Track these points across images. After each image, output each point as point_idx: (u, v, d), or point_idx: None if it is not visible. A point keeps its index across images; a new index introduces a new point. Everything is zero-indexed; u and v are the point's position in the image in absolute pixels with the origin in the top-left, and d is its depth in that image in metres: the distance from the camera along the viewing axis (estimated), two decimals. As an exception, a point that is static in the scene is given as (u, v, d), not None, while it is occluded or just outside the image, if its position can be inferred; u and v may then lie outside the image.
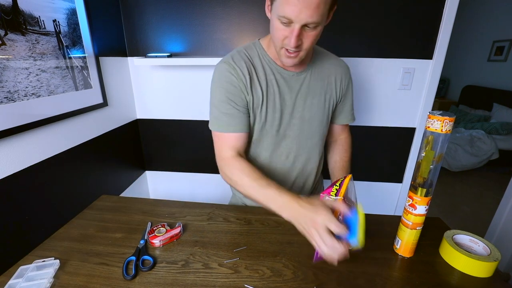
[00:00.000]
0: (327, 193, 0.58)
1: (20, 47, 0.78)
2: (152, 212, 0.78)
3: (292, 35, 0.58)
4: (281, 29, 0.59)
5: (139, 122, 1.49)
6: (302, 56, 0.65)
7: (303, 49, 0.63)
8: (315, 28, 0.59)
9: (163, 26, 1.28)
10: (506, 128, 2.88)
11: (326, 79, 0.77)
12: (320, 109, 0.77)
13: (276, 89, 0.72)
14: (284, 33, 0.60)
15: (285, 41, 0.61)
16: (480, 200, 2.42)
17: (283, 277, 0.55)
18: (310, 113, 0.76)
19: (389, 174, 1.47)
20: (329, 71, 0.77)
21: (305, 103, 0.75)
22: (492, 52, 3.60)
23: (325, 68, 0.77)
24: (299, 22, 0.56)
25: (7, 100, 0.74)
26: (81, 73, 1.02)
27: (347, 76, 0.80)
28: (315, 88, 0.75)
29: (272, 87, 0.72)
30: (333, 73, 0.77)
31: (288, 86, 0.73)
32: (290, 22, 0.57)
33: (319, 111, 0.77)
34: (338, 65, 0.79)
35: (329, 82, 0.77)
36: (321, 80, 0.76)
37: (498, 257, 0.55)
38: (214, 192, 1.60)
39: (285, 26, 0.58)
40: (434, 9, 1.15)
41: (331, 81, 0.77)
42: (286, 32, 0.59)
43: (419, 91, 1.29)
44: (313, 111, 0.76)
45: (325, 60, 0.78)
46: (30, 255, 0.61)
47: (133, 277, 0.54)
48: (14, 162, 0.79)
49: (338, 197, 0.56)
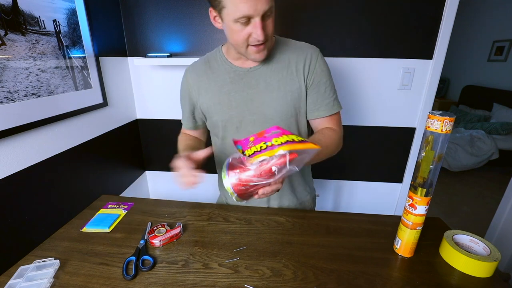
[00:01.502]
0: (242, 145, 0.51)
1: (20, 47, 0.78)
2: (152, 212, 0.78)
3: (258, 29, 0.59)
4: (241, 29, 0.60)
5: (139, 122, 1.49)
6: (269, 45, 0.66)
7: (268, 38, 0.63)
8: (271, 13, 0.60)
9: (163, 26, 1.28)
10: (506, 128, 2.88)
11: (286, 69, 0.71)
12: (282, 103, 0.71)
13: (230, 87, 0.73)
14: (246, 32, 0.60)
15: (250, 38, 0.61)
16: (480, 200, 2.42)
17: (283, 277, 0.55)
18: (271, 108, 0.72)
19: (389, 174, 1.47)
20: (289, 60, 0.71)
21: (263, 98, 0.71)
22: (492, 52, 3.59)
23: (285, 58, 0.71)
24: (258, 14, 0.57)
25: (7, 100, 0.74)
26: (81, 73, 1.02)
27: (312, 59, 0.70)
28: (271, 82, 0.71)
29: (226, 86, 0.73)
30: (293, 61, 0.71)
31: (243, 83, 0.72)
32: (249, 18, 0.58)
33: (281, 106, 0.71)
34: (301, 50, 0.71)
35: (289, 72, 0.70)
36: (279, 71, 0.71)
37: (498, 257, 0.55)
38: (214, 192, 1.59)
39: (245, 26, 0.59)
40: (434, 9, 1.15)
41: (292, 70, 0.70)
42: (248, 29, 0.60)
43: (419, 91, 1.29)
44: (273, 106, 0.71)
45: (284, 49, 0.72)
46: (30, 255, 0.61)
47: (133, 277, 0.54)
48: (14, 162, 0.79)
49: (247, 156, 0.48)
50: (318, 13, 1.19)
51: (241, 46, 0.63)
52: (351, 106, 1.34)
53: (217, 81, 0.74)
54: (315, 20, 1.20)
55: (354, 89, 1.31)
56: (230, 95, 0.73)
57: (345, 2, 1.16)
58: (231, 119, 0.74)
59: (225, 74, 0.74)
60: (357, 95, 1.32)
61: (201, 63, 0.78)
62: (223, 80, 0.73)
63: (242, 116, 0.74)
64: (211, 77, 0.75)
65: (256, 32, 0.59)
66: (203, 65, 0.77)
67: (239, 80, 0.72)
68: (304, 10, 1.19)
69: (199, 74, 0.76)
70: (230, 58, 0.74)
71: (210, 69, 0.75)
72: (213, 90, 0.74)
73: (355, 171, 1.49)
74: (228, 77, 0.73)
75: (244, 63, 0.73)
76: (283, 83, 0.71)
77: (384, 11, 1.17)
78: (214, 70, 0.75)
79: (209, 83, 0.75)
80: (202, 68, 0.76)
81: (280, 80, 0.71)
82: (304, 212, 0.79)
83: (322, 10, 1.19)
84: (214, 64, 0.76)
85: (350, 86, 1.31)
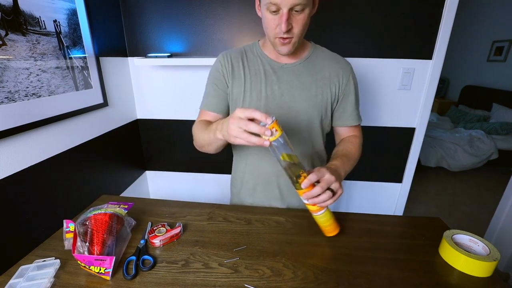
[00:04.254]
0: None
1: (20, 47, 0.78)
2: (152, 212, 0.78)
3: (282, 20, 0.61)
4: (271, 18, 0.63)
5: (139, 122, 1.49)
6: (295, 42, 0.67)
7: (294, 35, 0.65)
8: (302, 11, 0.62)
9: (163, 26, 1.28)
10: (506, 128, 2.89)
11: (320, 73, 0.76)
12: (309, 102, 0.75)
13: (262, 78, 0.75)
14: (275, 22, 0.64)
15: (277, 29, 0.64)
16: (480, 200, 2.42)
17: (283, 276, 0.55)
18: (297, 105, 0.75)
19: (388, 174, 1.47)
20: (324, 66, 0.76)
21: (293, 94, 0.75)
22: (491, 52, 3.60)
23: (320, 63, 0.76)
24: (286, 5, 0.60)
25: (8, 100, 0.74)
26: (82, 73, 1.03)
27: (346, 73, 0.77)
28: (305, 81, 0.75)
29: (259, 76, 0.75)
30: (327, 68, 0.76)
31: (276, 77, 0.75)
32: (278, 8, 0.61)
33: (307, 104, 0.75)
34: (336, 62, 0.78)
35: (322, 76, 0.75)
36: (314, 73, 0.75)
37: (497, 257, 0.55)
38: (214, 192, 1.60)
39: (274, 15, 0.63)
40: (433, 10, 1.16)
41: (325, 75, 0.76)
42: (276, 20, 0.63)
43: (419, 91, 1.29)
44: (300, 103, 0.75)
45: (322, 56, 0.78)
46: (30, 254, 0.61)
47: (133, 276, 0.54)
48: (15, 162, 0.79)
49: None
50: (318, 14, 1.19)
51: (271, 35, 0.67)
52: (351, 106, 1.35)
53: (251, 71, 0.76)
54: (315, 21, 1.20)
55: (354, 89, 1.31)
56: (262, 86, 0.75)
57: (345, 3, 1.16)
58: (258, 108, 0.74)
59: (259, 65, 0.76)
60: (357, 95, 1.33)
61: (237, 51, 0.79)
62: (257, 71, 0.76)
63: (269, 108, 0.75)
64: (245, 65, 0.76)
65: (281, 24, 0.62)
66: (239, 54, 0.78)
67: (272, 73, 0.75)
68: (304, 10, 1.19)
69: (234, 60, 0.77)
70: (266, 51, 0.76)
71: (246, 58, 0.77)
72: (245, 79, 0.76)
73: (355, 171, 1.47)
74: (262, 68, 0.75)
75: (279, 57, 0.75)
76: (315, 85, 0.75)
77: (383, 11, 1.17)
78: (249, 59, 0.77)
79: (243, 71, 0.76)
80: (238, 56, 0.77)
81: (313, 82, 0.75)
82: (304, 212, 0.79)
83: (322, 11, 1.19)
84: (250, 54, 0.78)
85: (350, 86, 1.31)
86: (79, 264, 0.54)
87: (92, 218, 0.59)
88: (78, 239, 0.56)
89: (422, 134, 1.36)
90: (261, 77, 0.75)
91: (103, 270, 0.53)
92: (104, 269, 0.53)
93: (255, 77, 0.75)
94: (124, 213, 0.66)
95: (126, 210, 0.68)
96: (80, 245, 0.55)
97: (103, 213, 0.61)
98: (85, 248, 0.55)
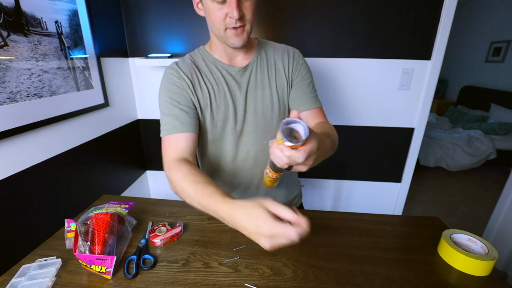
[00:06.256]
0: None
1: (22, 48, 0.78)
2: (153, 212, 0.78)
3: (232, 7, 0.59)
4: (219, 8, 0.60)
5: (140, 122, 1.49)
6: (248, 29, 0.65)
7: (247, 21, 0.63)
8: None
9: (164, 26, 1.28)
10: (504, 128, 2.90)
11: (273, 67, 0.75)
12: (273, 100, 0.75)
13: (225, 86, 0.73)
14: (223, 12, 0.60)
15: (227, 19, 0.61)
16: (478, 200, 2.43)
17: (283, 276, 0.56)
18: (263, 106, 0.75)
19: (388, 174, 1.48)
20: (276, 60, 0.76)
21: (255, 96, 0.74)
22: (489, 53, 3.61)
23: (271, 57, 0.76)
24: None
25: (10, 101, 0.75)
26: (83, 74, 1.03)
27: (295, 59, 0.76)
28: (263, 80, 0.75)
29: (220, 85, 0.73)
30: (279, 60, 0.76)
31: (236, 82, 0.74)
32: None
33: (272, 103, 0.76)
34: (284, 50, 0.77)
35: (277, 70, 0.75)
36: (268, 70, 0.75)
37: (495, 256, 0.56)
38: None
39: (221, 5, 0.60)
40: (432, 10, 1.16)
41: (279, 68, 0.76)
42: (225, 9, 0.60)
43: (417, 92, 1.30)
44: (265, 103, 0.75)
45: (270, 50, 0.77)
46: (32, 254, 0.62)
47: (134, 276, 0.55)
48: (17, 162, 0.80)
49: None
50: (317, 14, 1.20)
51: (220, 28, 0.63)
52: (350, 106, 1.35)
53: (210, 80, 0.73)
54: (315, 21, 1.21)
55: (353, 89, 1.32)
56: (226, 94, 0.73)
57: (344, 3, 1.17)
58: (227, 118, 0.74)
59: (217, 73, 0.73)
60: (356, 96, 1.33)
61: (185, 63, 0.73)
62: (216, 79, 0.73)
63: (236, 115, 0.74)
64: (203, 75, 0.73)
65: (231, 11, 0.59)
66: (189, 65, 0.72)
67: (231, 78, 0.73)
68: (303, 11, 1.19)
69: (188, 73, 0.71)
70: (216, 55, 0.74)
71: (198, 68, 0.73)
72: (208, 89, 0.72)
73: (354, 171, 1.50)
74: (220, 75, 0.73)
75: (231, 60, 0.74)
76: (274, 81, 0.76)
77: (382, 12, 1.18)
78: (203, 69, 0.73)
79: (203, 81, 0.72)
80: (190, 68, 0.72)
81: (271, 78, 0.75)
82: (304, 212, 0.80)
83: (321, 11, 1.20)
84: (202, 62, 0.74)
85: (350, 86, 1.32)
86: (80, 263, 0.54)
87: (93, 218, 0.59)
88: (79, 239, 0.56)
89: (421, 134, 1.36)
90: (222, 85, 0.73)
91: (104, 269, 0.53)
92: (105, 268, 0.53)
93: (217, 86, 0.73)
94: (125, 213, 0.67)
95: (127, 210, 0.68)
96: (82, 244, 0.56)
97: (104, 212, 0.61)
98: (86, 248, 0.55)
